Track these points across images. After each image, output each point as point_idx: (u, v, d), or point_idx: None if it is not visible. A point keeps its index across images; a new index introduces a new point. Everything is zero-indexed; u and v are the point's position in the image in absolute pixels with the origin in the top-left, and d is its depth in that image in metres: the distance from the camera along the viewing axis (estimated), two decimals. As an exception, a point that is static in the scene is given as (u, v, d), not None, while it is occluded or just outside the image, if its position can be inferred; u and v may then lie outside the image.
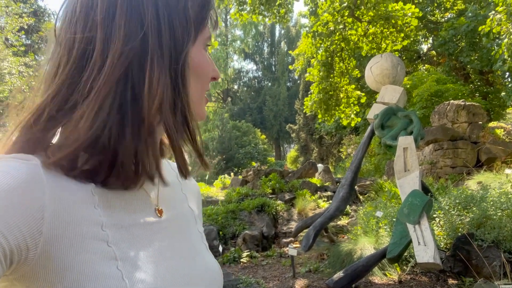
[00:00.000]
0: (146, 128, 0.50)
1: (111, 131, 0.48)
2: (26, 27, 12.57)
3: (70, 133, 0.48)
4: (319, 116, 10.23)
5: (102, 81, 0.48)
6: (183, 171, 0.57)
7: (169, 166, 0.69)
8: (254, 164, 20.21)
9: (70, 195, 0.48)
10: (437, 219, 4.78)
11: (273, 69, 37.21)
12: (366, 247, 4.66)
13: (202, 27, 0.56)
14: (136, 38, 0.49)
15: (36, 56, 14.45)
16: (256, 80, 38.82)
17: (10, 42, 12.54)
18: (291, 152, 28.83)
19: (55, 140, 0.51)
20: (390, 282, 4.16)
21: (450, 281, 3.99)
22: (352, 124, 10.24)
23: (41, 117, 0.49)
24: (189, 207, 0.69)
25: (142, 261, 0.51)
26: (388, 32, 9.47)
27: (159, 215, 0.58)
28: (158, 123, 0.53)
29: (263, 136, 28.89)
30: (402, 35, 9.35)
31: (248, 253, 5.64)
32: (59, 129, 0.50)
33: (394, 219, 4.75)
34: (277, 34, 38.05)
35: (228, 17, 32.39)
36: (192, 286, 0.57)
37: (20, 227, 0.42)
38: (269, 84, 36.20)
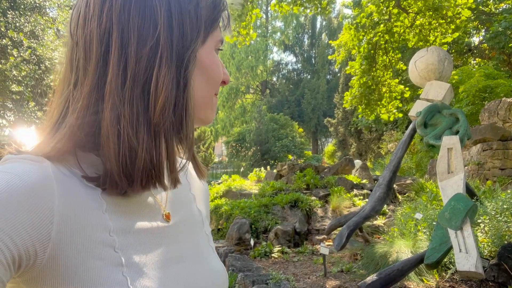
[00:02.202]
0: (153, 130, 0.50)
1: (125, 134, 0.48)
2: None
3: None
4: (359, 110, 9.94)
5: (120, 86, 0.48)
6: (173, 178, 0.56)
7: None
8: (290, 157, 20.09)
9: (80, 199, 0.47)
10: (482, 225, 4.48)
11: (313, 62, 36.61)
12: (402, 250, 4.47)
13: (213, 28, 0.56)
14: (151, 40, 0.49)
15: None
16: (295, 73, 38.39)
17: (61, 33, 13.17)
18: (329, 146, 28.41)
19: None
20: (426, 288, 3.97)
21: (494, 292, 3.74)
22: (391, 119, 9.86)
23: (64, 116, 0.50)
24: (197, 209, 0.68)
25: (148, 267, 0.51)
26: (436, 24, 8.97)
27: (167, 220, 0.58)
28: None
29: (301, 130, 28.61)
30: (453, 26, 8.82)
31: (280, 248, 5.60)
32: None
33: (434, 223, 4.52)
34: (318, 25, 37.31)
35: (268, 8, 32.14)
36: None
37: (29, 231, 0.42)
38: (308, 76, 35.70)
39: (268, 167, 13.67)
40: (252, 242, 5.71)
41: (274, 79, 38.90)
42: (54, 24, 12.46)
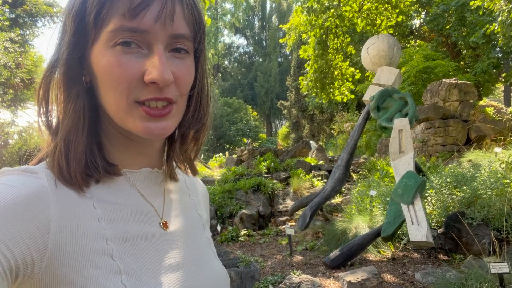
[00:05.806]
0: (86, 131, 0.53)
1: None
2: (10, 0, 12.12)
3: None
4: (313, 94, 10.22)
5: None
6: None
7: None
8: (245, 140, 20.23)
9: (75, 209, 0.49)
10: (429, 198, 4.92)
11: (264, 44, 36.68)
12: (360, 225, 4.80)
13: (103, 22, 0.49)
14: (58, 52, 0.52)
15: (21, 31, 13.96)
16: (247, 56, 38.30)
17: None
18: (283, 128, 28.91)
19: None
20: (383, 259, 4.34)
21: (441, 257, 4.18)
22: (345, 100, 10.27)
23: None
24: (197, 214, 0.68)
25: (147, 274, 0.52)
26: (383, 8, 9.40)
27: (164, 228, 0.59)
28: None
29: (255, 113, 28.81)
30: (397, 10, 9.29)
31: (246, 232, 5.78)
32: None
33: (388, 198, 4.90)
34: (268, 8, 37.30)
35: (218, -10, 31.52)
36: None
37: (26, 240, 0.42)
38: (260, 59, 35.77)
39: (227, 152, 13.75)
40: (218, 227, 5.83)
41: (226, 62, 38.54)
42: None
